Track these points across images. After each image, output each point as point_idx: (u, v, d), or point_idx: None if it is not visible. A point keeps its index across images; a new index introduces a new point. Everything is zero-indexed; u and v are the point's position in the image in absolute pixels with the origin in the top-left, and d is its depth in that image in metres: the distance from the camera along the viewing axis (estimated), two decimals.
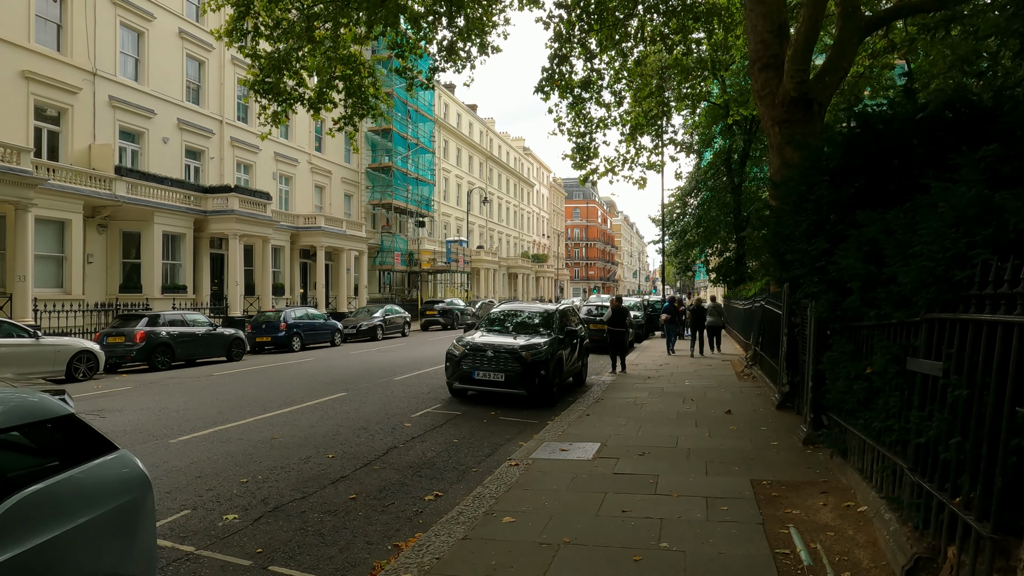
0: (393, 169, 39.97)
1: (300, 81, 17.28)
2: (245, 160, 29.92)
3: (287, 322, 21.13)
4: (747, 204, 28.36)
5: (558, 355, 11.11)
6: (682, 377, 13.57)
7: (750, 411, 9.49)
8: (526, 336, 11.39)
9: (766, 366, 12.19)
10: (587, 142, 19.46)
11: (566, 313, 12.79)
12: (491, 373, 10.48)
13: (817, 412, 7.23)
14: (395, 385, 12.80)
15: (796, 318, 9.27)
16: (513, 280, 68.42)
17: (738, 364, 15.55)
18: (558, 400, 11.03)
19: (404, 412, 9.93)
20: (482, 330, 12.05)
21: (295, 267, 32.02)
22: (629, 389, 11.99)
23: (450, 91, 56.26)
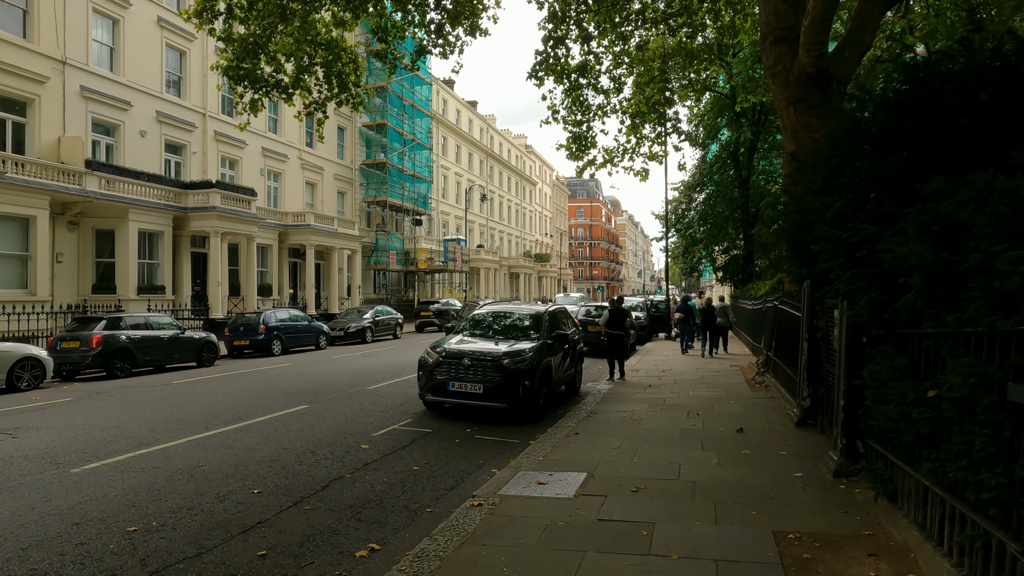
0: (388, 165, 38.73)
1: (278, 67, 16.05)
2: (230, 155, 28.72)
3: (267, 324, 19.89)
4: (755, 199, 27.02)
5: (546, 363, 9.82)
6: (687, 385, 12.25)
7: (765, 428, 8.17)
8: (510, 341, 10.10)
9: (781, 374, 10.86)
10: (584, 131, 18.16)
11: (556, 315, 11.49)
12: (468, 384, 9.19)
13: (850, 437, 5.91)
14: (366, 396, 11.53)
15: (819, 321, 7.95)
16: (515, 280, 67.12)
17: (748, 370, 14.21)
18: (546, 413, 9.74)
19: (366, 430, 8.65)
20: (462, 334, 10.76)
21: (284, 267, 30.81)
22: (627, 400, 10.68)
23: (449, 87, 55.01)
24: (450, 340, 10.31)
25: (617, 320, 13.39)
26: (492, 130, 64.72)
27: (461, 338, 10.43)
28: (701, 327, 18.71)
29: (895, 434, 4.40)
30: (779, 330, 11.41)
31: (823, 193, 5.83)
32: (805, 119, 12.00)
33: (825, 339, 7.64)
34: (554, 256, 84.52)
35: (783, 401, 9.94)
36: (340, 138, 37.58)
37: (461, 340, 10.25)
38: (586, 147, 18.19)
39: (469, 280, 54.69)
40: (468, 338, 10.48)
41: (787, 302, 10.51)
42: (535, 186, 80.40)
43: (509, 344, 9.85)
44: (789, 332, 10.15)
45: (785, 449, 7.05)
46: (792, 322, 9.84)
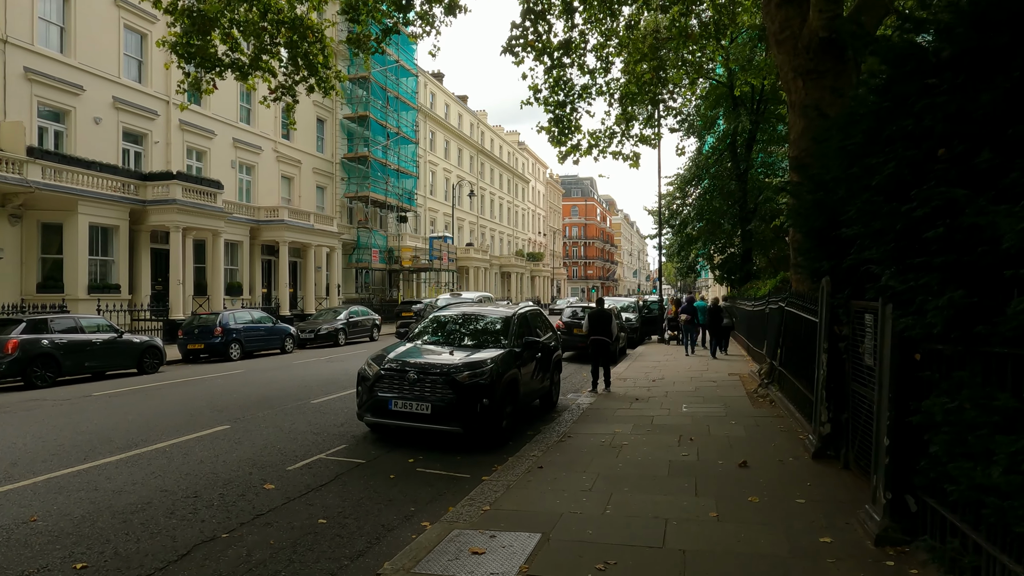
0: (370, 159, 37.06)
1: (233, 45, 14.43)
2: (197, 146, 27.02)
3: (224, 327, 18.23)
4: (753, 194, 25.48)
5: (511, 375, 8.22)
6: (679, 399, 10.65)
7: (774, 462, 6.57)
8: (468, 349, 8.50)
9: (789, 388, 9.27)
10: (567, 113, 16.54)
11: (528, 318, 9.88)
12: (413, 403, 7.57)
13: (899, 490, 4.33)
14: (306, 412, 9.90)
15: (842, 328, 6.37)
16: (506, 279, 65.50)
17: (748, 380, 12.63)
18: (512, 436, 8.15)
19: (283, 461, 7.03)
20: (415, 340, 9.16)
21: (256, 265, 29.13)
22: (609, 418, 9.08)
23: (438, 80, 53.38)
24: (398, 348, 8.70)
25: (600, 323, 11.80)
26: (483, 125, 63.08)
27: (412, 345, 8.82)
28: (708, 328, 18.06)
29: (998, 512, 2.80)
30: (787, 337, 9.83)
31: (861, 155, 4.23)
32: (816, 93, 10.43)
33: (851, 351, 6.07)
34: (547, 255, 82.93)
35: (793, 422, 8.35)
36: (320, 130, 35.90)
37: (411, 348, 8.64)
38: (570, 131, 16.58)
39: (458, 280, 53.05)
40: (422, 345, 8.88)
41: (797, 304, 8.93)
42: (528, 184, 78.79)
43: (467, 353, 8.24)
44: (800, 340, 8.58)
45: (803, 494, 5.45)
46: (804, 328, 8.26)
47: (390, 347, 8.88)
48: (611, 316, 11.98)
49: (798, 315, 8.77)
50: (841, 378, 6.37)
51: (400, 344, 8.98)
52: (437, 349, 8.57)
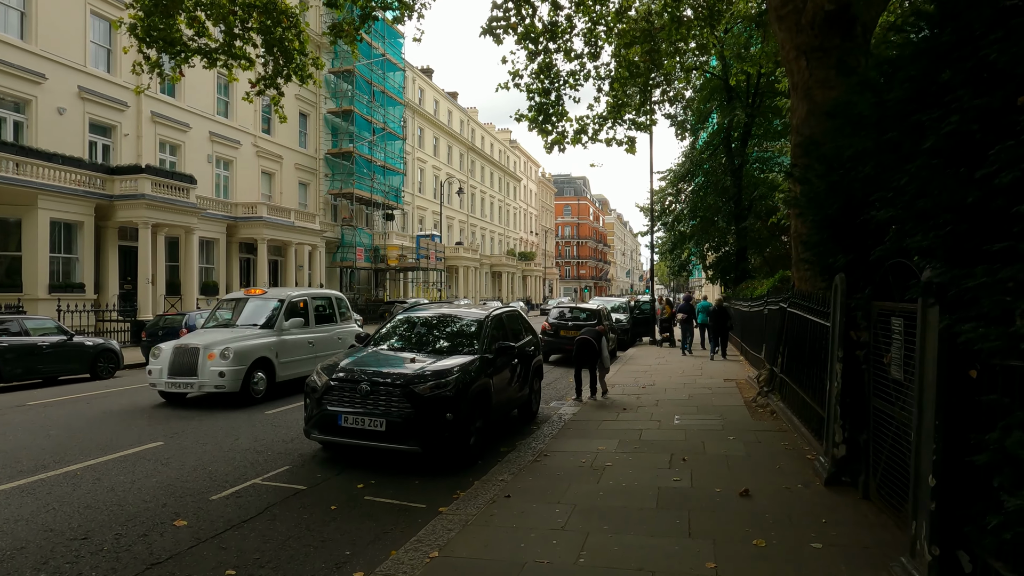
0: (355, 155, 36.01)
1: (199, 29, 13.42)
2: (171, 139, 25.92)
3: (189, 328, 17.15)
4: (748, 190, 24.61)
5: (481, 385, 7.27)
6: (671, 408, 9.72)
7: (780, 489, 5.63)
8: (434, 356, 7.54)
9: (793, 398, 8.35)
10: (552, 101, 15.56)
11: (503, 321, 8.92)
12: (366, 418, 6.59)
13: (948, 543, 3.40)
14: (257, 423, 8.90)
15: (860, 333, 5.44)
16: (497, 279, 64.55)
17: (746, 387, 11.71)
18: (481, 454, 7.20)
19: (210, 487, 6.04)
20: (375, 345, 8.18)
21: (233, 263, 28.05)
22: (591, 433, 8.12)
23: (427, 76, 52.37)
24: (354, 355, 7.73)
25: (589, 328, 10.85)
26: (473, 123, 62.10)
27: (370, 352, 7.85)
28: (712, 330, 17.49)
29: None
30: (789, 341, 8.90)
31: (904, 114, 3.28)
32: (821, 72, 9.51)
33: (871, 361, 5.14)
34: (539, 255, 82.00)
35: (798, 438, 7.43)
36: (303, 125, 34.83)
37: (368, 355, 7.66)
38: (556, 118, 15.61)
39: (448, 279, 52.07)
40: (382, 351, 7.91)
41: (802, 305, 8.01)
42: (520, 182, 77.85)
43: (431, 360, 7.28)
44: (805, 345, 7.66)
45: (818, 535, 4.51)
46: (810, 333, 7.34)
47: (346, 353, 7.91)
48: (599, 316, 11.02)
49: (803, 318, 7.85)
50: (859, 392, 5.44)
51: (358, 350, 8.01)
52: (398, 356, 7.59)
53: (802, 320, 7.99)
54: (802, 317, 7.99)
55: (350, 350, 8.11)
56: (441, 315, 8.68)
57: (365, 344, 8.32)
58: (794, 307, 8.70)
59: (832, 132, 5.94)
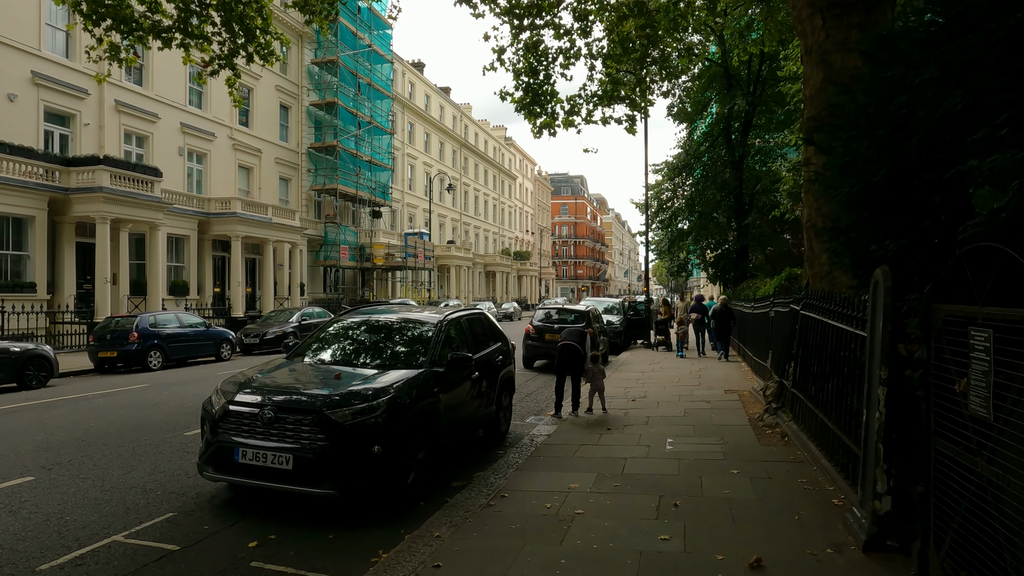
0: (339, 149, 34.54)
1: (152, 5, 12.01)
2: (137, 130, 24.45)
3: (140, 331, 15.72)
4: (749, 184, 23.19)
5: (426, 406, 5.85)
6: (664, 428, 8.28)
7: (803, 556, 4.19)
8: (368, 370, 6.09)
9: (809, 420, 6.90)
10: (540, 81, 14.14)
11: (462, 327, 7.48)
12: (269, 453, 5.14)
13: None
14: (167, 450, 7.45)
15: (915, 348, 3.99)
16: (491, 279, 63.12)
17: (750, 400, 10.26)
18: (425, 493, 5.77)
19: (50, 548, 4.60)
20: (297, 357, 6.74)
21: (206, 262, 26.58)
22: (565, 463, 6.68)
23: (418, 70, 50.95)
24: (267, 369, 6.29)
25: (572, 329, 9.41)
26: (467, 119, 60.66)
27: (288, 366, 6.41)
28: (717, 331, 17.13)
29: None
30: (804, 351, 7.46)
31: None
32: (840, 33, 8.07)
33: (931, 386, 3.70)
34: (535, 254, 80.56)
35: (818, 472, 5.98)
36: (283, 117, 33.35)
37: (284, 370, 6.23)
38: (544, 99, 14.18)
39: (439, 279, 50.65)
40: (305, 364, 6.47)
41: (821, 307, 6.58)
42: (515, 180, 76.43)
43: (361, 377, 5.84)
44: (826, 357, 6.22)
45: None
46: (834, 342, 5.91)
47: (259, 367, 6.46)
48: (588, 318, 9.57)
49: (823, 323, 6.41)
50: (912, 427, 4.00)
51: (275, 363, 6.56)
52: (322, 371, 6.16)
53: (821, 326, 6.56)
54: (821, 323, 6.56)
55: (265, 364, 6.65)
56: (387, 320, 7.22)
57: (290, 355, 6.87)
58: (810, 310, 7.27)
59: (870, 83, 4.50)
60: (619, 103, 15.11)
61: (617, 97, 15.00)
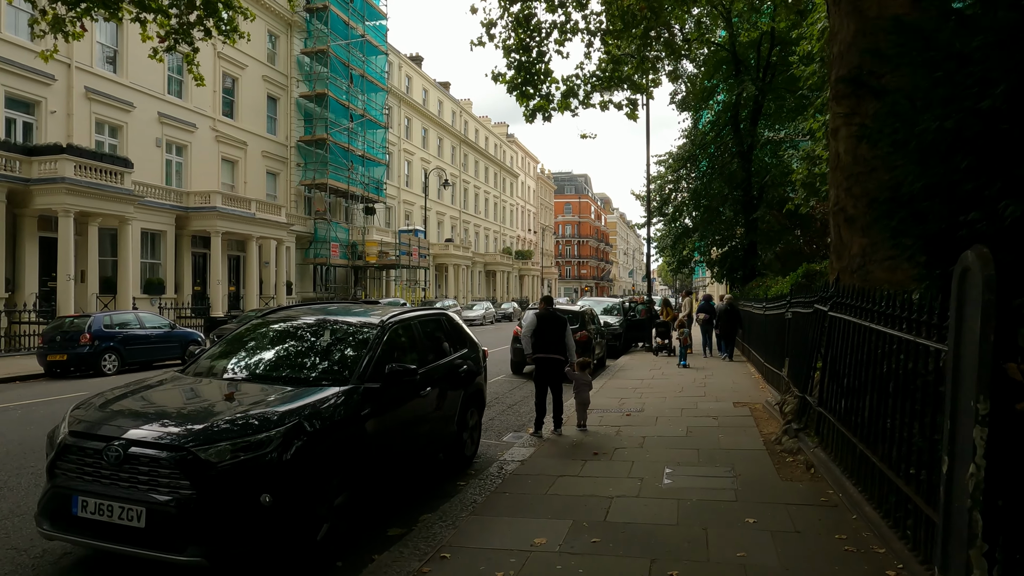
0: (329, 143, 33.21)
1: None
2: (110, 119, 23.15)
3: (93, 332, 14.40)
4: (758, 176, 21.75)
5: (347, 437, 4.51)
6: (661, 454, 6.87)
7: None
8: (273, 389, 4.70)
9: (843, 447, 5.48)
10: (533, 59, 12.75)
11: (412, 332, 6.09)
12: (115, 505, 3.76)
13: None
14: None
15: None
16: (491, 279, 61.76)
17: (763, 415, 8.85)
18: (344, 549, 4.39)
19: None
20: (193, 368, 5.37)
21: (184, 259, 25.30)
22: (534, 503, 5.28)
23: (416, 63, 49.62)
24: (137, 387, 4.93)
25: (549, 334, 8.03)
26: (467, 115, 59.30)
27: (180, 381, 5.05)
28: (723, 332, 16.92)
29: None
30: (834, 360, 6.04)
31: None
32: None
33: None
34: (537, 254, 79.14)
35: (859, 522, 4.57)
36: (271, 109, 32.05)
37: (155, 388, 4.87)
38: (538, 80, 12.79)
39: (437, 278, 49.34)
40: (192, 378, 5.11)
41: (860, 308, 5.18)
42: (517, 178, 75.04)
43: (262, 399, 4.46)
44: (868, 372, 4.82)
45: None
46: (879, 352, 4.52)
47: (134, 384, 5.09)
48: (564, 323, 8.18)
49: (863, 328, 5.02)
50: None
51: (159, 379, 5.19)
52: (215, 389, 4.79)
53: (859, 331, 5.17)
54: (859, 327, 5.16)
55: (139, 380, 5.26)
56: (317, 322, 5.83)
57: (187, 367, 5.49)
58: (842, 311, 5.87)
59: None
60: (619, 87, 13.69)
61: (617, 78, 13.56)
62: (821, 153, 15.66)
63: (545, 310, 8.19)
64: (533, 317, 8.14)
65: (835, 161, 7.17)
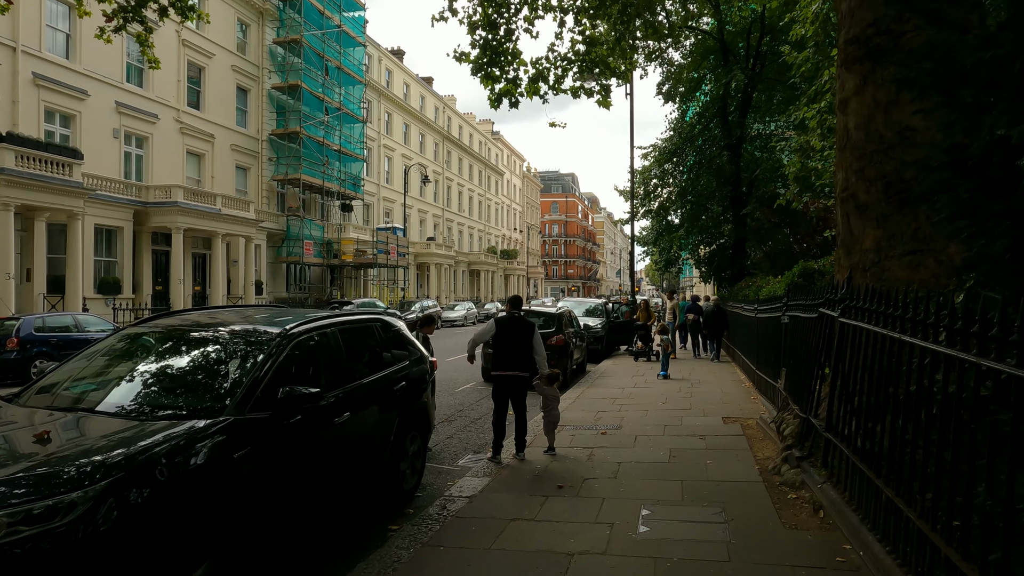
0: (303, 136, 31.87)
1: None
2: (61, 107, 21.72)
3: (21, 336, 13.09)
4: (748, 170, 20.75)
5: (210, 486, 3.33)
6: (639, 486, 5.75)
7: None
8: (114, 424, 3.51)
9: (863, 486, 4.36)
10: (500, 38, 11.58)
11: (328, 341, 4.89)
12: None
13: None
14: None
15: None
16: (475, 278, 60.56)
17: (757, 435, 7.74)
18: None
19: None
20: (32, 393, 4.16)
21: (144, 257, 23.91)
22: (471, 566, 4.13)
23: (397, 57, 48.34)
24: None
25: (512, 344, 6.86)
26: (450, 111, 58.04)
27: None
28: (710, 332, 16.95)
29: None
30: (846, 376, 4.92)
31: None
32: None
33: None
34: (523, 253, 78.02)
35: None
36: (241, 100, 30.66)
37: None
38: (505, 61, 11.63)
39: (419, 277, 48.09)
40: (29, 407, 3.91)
41: (879, 314, 4.08)
42: (502, 176, 73.87)
43: (90, 440, 3.29)
44: (894, 394, 3.70)
45: None
46: (914, 374, 3.39)
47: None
48: (531, 328, 7.00)
49: (887, 339, 3.91)
50: None
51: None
52: (33, 424, 3.59)
53: (884, 344, 4.06)
54: (885, 338, 4.05)
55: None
56: (199, 332, 4.63)
57: (22, 390, 4.28)
58: (857, 316, 4.77)
59: None
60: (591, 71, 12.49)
61: (591, 61, 12.40)
62: (816, 143, 14.60)
63: (509, 314, 7.03)
64: (492, 323, 6.98)
65: (843, 139, 6.09)
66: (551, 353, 12.44)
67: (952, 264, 5.20)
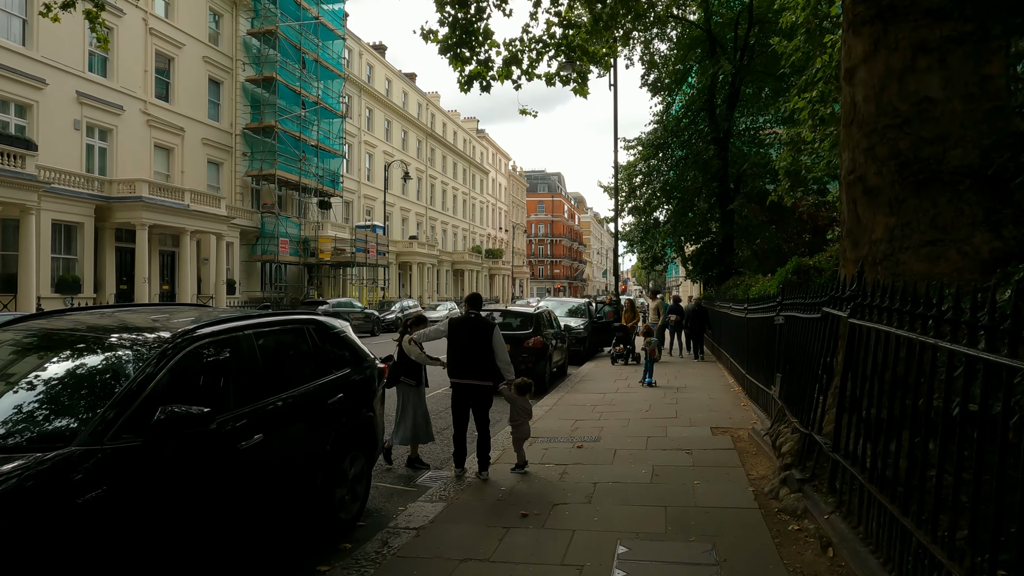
0: (277, 130, 30.83)
1: None
2: (18, 97, 20.58)
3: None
4: (735, 165, 20.09)
5: (52, 537, 2.43)
6: (616, 512, 4.96)
7: None
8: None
9: (882, 519, 3.58)
10: (471, 17, 10.73)
11: (239, 345, 4.01)
12: None
13: None
14: None
15: None
16: (459, 278, 59.64)
17: (750, 448, 6.97)
18: None
19: None
20: None
21: (107, 254, 22.80)
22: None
23: (379, 52, 47.34)
24: None
25: (467, 348, 6.04)
26: (434, 107, 57.08)
27: None
28: (691, 331, 17.16)
29: None
30: (857, 386, 4.14)
31: None
32: None
33: None
34: (508, 252, 77.19)
35: None
36: (213, 93, 29.57)
37: None
38: (476, 42, 10.77)
39: (401, 277, 47.12)
40: None
41: (903, 314, 3.29)
42: (488, 175, 73.01)
43: None
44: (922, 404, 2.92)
45: None
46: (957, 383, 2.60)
47: None
48: (491, 328, 6.17)
49: (916, 344, 3.14)
50: None
51: None
52: None
53: (906, 348, 3.29)
54: (909, 343, 3.28)
55: None
56: (68, 335, 3.76)
57: None
58: (870, 316, 4.00)
59: None
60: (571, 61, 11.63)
61: (568, 46, 11.56)
62: (807, 135, 13.90)
63: (465, 314, 6.20)
64: (444, 323, 6.16)
65: (850, 114, 5.33)
66: (528, 356, 11.72)
67: (979, 256, 4.47)
